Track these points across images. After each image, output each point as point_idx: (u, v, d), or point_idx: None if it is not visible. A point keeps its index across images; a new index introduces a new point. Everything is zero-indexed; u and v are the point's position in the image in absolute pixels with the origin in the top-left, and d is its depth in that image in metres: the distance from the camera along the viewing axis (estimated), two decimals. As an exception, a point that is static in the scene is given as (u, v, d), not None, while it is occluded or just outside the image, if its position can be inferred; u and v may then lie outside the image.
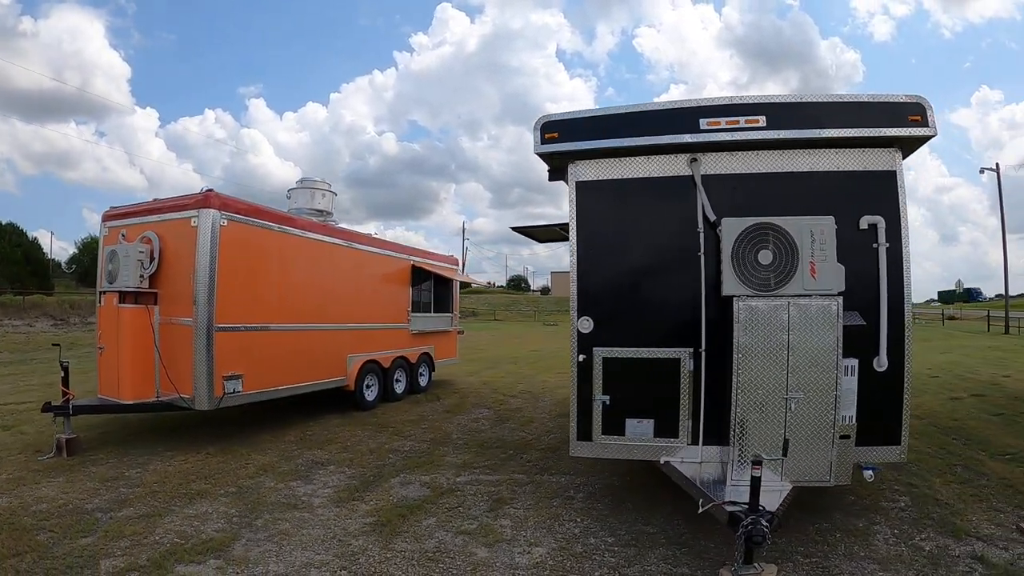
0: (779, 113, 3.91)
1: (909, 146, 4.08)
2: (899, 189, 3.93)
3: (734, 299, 3.59)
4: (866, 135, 3.87)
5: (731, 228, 3.67)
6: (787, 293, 3.56)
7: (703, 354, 3.89)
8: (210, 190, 5.37)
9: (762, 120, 3.91)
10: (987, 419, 7.29)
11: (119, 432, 6.32)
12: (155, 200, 5.81)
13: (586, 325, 4.11)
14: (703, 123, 3.96)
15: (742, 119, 3.92)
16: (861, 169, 3.95)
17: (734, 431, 3.58)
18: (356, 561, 3.35)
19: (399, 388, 8.53)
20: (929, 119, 3.84)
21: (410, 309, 8.79)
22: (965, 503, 4.21)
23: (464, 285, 13.49)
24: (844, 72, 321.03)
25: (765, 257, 3.61)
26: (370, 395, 7.73)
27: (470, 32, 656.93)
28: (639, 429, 4.04)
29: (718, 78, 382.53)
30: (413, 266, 8.86)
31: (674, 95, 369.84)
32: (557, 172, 4.41)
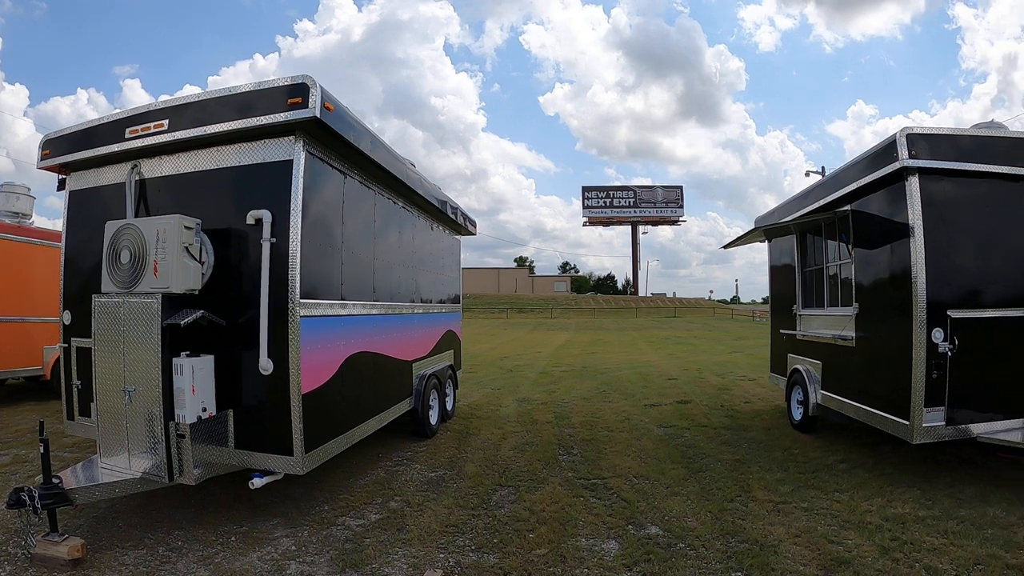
0: (180, 114, 4.56)
1: (318, 133, 4.36)
2: (294, 180, 4.23)
3: (93, 296, 4.37)
4: (251, 125, 4.24)
5: (109, 230, 4.46)
6: (140, 291, 4.24)
7: None
8: None
9: (166, 123, 4.58)
10: (645, 432, 7.37)
11: None
12: None
13: (67, 318, 5.15)
14: (127, 132, 4.74)
15: (152, 124, 4.64)
16: (260, 161, 4.40)
17: (97, 418, 4.38)
18: None
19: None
20: (311, 100, 4.08)
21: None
22: (377, 543, 4.08)
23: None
24: (728, 80, 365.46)
25: (125, 256, 4.34)
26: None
27: (357, 21, 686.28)
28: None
29: (605, 79, 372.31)
30: None
31: (558, 95, 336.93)
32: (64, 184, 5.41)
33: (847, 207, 6.17)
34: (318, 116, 4.10)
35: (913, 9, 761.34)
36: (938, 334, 4.93)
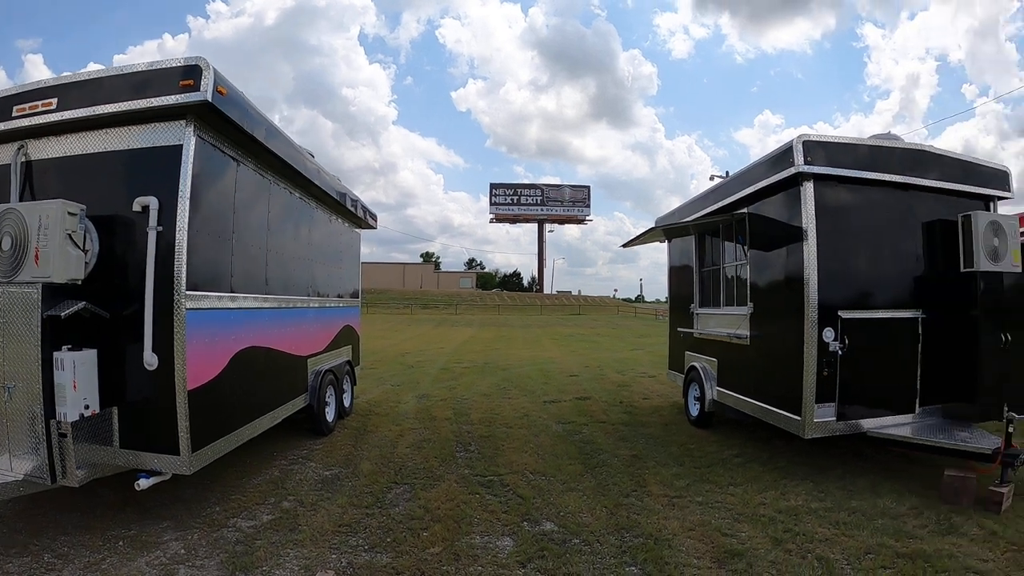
0: (69, 93, 4.38)
1: (210, 118, 4.30)
2: (183, 166, 4.13)
3: (-35, 287, 4.15)
4: (141, 107, 4.13)
5: (-10, 215, 4.22)
6: (20, 280, 4.03)
7: None
8: None
9: (55, 102, 4.40)
10: (543, 428, 7.56)
11: None
12: None
13: None
14: (14, 110, 4.52)
15: (40, 103, 4.44)
16: (149, 146, 4.27)
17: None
18: None
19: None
20: (203, 83, 4.03)
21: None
22: (268, 545, 4.05)
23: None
24: (640, 84, 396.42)
25: (6, 243, 4.12)
26: None
27: (271, 4, 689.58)
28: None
29: (518, 77, 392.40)
30: None
31: (471, 91, 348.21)
32: None
33: (744, 210, 6.44)
34: (210, 100, 4.05)
35: (824, 26, 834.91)
36: (829, 333, 5.22)
